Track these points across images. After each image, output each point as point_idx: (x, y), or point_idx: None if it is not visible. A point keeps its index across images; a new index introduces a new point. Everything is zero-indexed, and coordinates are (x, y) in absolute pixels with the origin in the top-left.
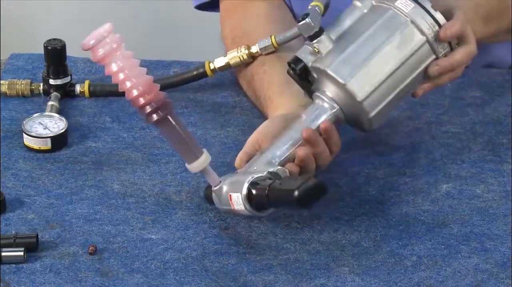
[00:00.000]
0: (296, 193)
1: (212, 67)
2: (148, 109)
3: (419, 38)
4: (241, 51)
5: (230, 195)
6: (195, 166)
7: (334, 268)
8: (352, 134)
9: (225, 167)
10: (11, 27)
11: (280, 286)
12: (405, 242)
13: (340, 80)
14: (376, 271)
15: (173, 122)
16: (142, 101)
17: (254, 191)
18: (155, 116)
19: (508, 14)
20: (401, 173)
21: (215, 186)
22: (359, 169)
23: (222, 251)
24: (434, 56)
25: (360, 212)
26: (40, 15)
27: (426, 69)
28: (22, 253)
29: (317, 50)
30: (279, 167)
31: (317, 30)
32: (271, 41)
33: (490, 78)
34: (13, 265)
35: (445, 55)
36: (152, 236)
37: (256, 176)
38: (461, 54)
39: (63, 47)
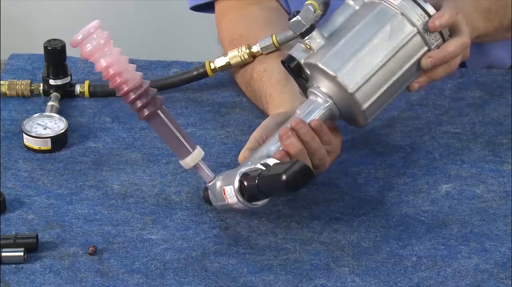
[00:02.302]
0: (284, 176)
1: (212, 66)
2: (139, 103)
3: (409, 29)
4: (242, 51)
5: (224, 189)
6: (187, 162)
7: (334, 268)
8: (352, 134)
9: (225, 167)
10: (11, 27)
11: (280, 286)
12: (405, 243)
13: (331, 73)
14: (376, 272)
15: (164, 117)
16: (132, 95)
17: (245, 182)
18: (145, 111)
19: (509, 10)
20: (401, 173)
21: (209, 182)
22: (359, 169)
23: (222, 251)
24: (426, 48)
25: (360, 212)
26: (40, 15)
27: (419, 61)
28: (22, 254)
29: (309, 47)
30: (270, 158)
31: (307, 27)
32: (272, 41)
33: (490, 79)
34: (13, 265)
35: (438, 47)
36: (152, 237)
37: (247, 167)
38: (454, 45)
39: (63, 47)
